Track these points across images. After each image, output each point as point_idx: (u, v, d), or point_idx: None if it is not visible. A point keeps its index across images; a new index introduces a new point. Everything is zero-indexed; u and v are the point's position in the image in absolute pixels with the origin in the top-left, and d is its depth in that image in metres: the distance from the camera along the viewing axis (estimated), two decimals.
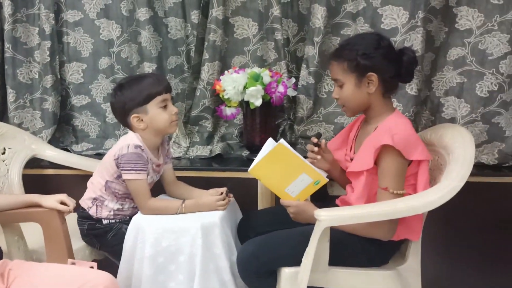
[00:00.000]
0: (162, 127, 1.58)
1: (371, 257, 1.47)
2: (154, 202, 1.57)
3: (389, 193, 1.36)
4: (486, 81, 1.90)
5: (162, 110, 1.56)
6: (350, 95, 1.44)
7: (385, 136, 1.36)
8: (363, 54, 1.40)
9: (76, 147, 2.24)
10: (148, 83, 1.54)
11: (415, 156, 1.38)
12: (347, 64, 1.42)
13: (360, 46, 1.41)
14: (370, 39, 1.44)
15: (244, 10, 2.09)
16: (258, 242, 1.48)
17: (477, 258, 1.91)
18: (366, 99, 1.44)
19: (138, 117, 1.55)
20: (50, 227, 1.42)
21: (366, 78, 1.41)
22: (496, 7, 1.85)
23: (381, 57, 1.40)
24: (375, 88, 1.42)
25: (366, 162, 1.40)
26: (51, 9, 2.10)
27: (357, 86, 1.42)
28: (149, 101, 1.54)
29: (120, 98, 1.56)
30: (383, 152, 1.37)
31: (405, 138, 1.36)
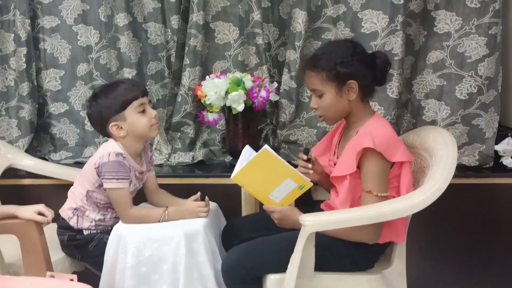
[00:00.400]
0: (142, 132, 1.54)
1: (356, 261, 1.47)
2: (136, 211, 1.54)
3: (373, 195, 1.36)
4: (465, 84, 1.92)
5: (141, 114, 1.53)
6: (331, 104, 1.43)
7: (366, 139, 1.36)
8: (342, 63, 1.39)
9: (54, 156, 2.19)
10: (123, 89, 1.51)
11: (396, 158, 1.38)
12: (326, 74, 1.40)
13: (337, 55, 1.40)
14: (345, 47, 1.43)
15: (225, 15, 2.08)
16: (242, 249, 1.46)
17: (461, 259, 1.92)
18: (346, 107, 1.44)
19: (117, 125, 1.52)
20: (28, 239, 1.38)
21: (346, 86, 1.41)
22: (473, 11, 1.88)
23: (359, 63, 1.40)
24: (355, 95, 1.42)
25: (349, 166, 1.40)
26: (27, 15, 2.05)
27: (338, 94, 1.42)
28: (126, 107, 1.51)
29: (96, 108, 1.52)
30: (365, 155, 1.37)
31: (386, 141, 1.37)
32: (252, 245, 1.46)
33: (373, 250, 1.47)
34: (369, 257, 1.50)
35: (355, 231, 1.38)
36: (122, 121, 1.51)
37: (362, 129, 1.42)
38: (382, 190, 1.37)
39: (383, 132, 1.38)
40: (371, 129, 1.39)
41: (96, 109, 1.52)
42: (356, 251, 1.44)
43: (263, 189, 1.45)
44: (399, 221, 1.43)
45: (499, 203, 1.89)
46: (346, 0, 1.96)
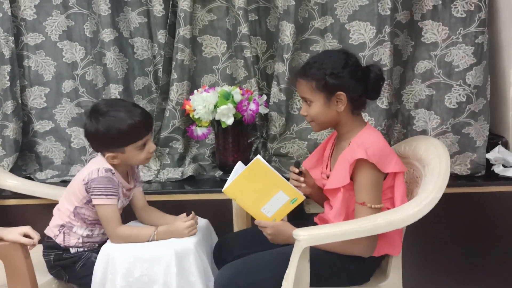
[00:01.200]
0: (136, 163, 1.54)
1: (352, 275, 1.44)
2: (125, 230, 1.50)
3: (367, 207, 1.34)
4: (454, 93, 1.93)
5: (140, 151, 1.50)
6: (319, 113, 1.43)
7: (358, 150, 1.34)
8: (331, 74, 1.38)
9: (40, 175, 2.14)
10: (131, 126, 1.44)
11: (390, 169, 1.37)
12: (315, 84, 1.40)
13: (328, 65, 1.39)
14: (337, 58, 1.42)
15: (212, 29, 2.07)
16: (235, 267, 1.42)
17: (456, 268, 1.91)
18: (335, 117, 1.44)
19: (114, 156, 1.48)
20: (13, 262, 1.32)
21: (335, 97, 1.40)
22: (459, 20, 1.90)
23: (349, 76, 1.39)
24: (344, 107, 1.41)
25: (342, 178, 1.38)
26: (11, 32, 2.02)
27: (326, 104, 1.41)
28: (129, 145, 1.47)
29: (97, 132, 1.45)
30: (358, 167, 1.36)
31: (379, 151, 1.35)
32: (245, 262, 1.43)
33: (368, 264, 1.45)
34: (365, 271, 1.47)
35: (350, 245, 1.35)
36: (119, 153, 1.48)
37: (354, 140, 1.40)
38: (376, 202, 1.35)
39: (375, 143, 1.37)
40: (363, 140, 1.38)
41: (97, 133, 1.45)
42: (352, 265, 1.42)
43: (255, 202, 1.42)
44: (394, 233, 1.41)
45: (492, 211, 1.89)
46: (333, 12, 1.96)
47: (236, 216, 1.89)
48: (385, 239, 1.40)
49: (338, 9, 1.95)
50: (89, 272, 1.47)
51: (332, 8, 1.96)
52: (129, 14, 2.07)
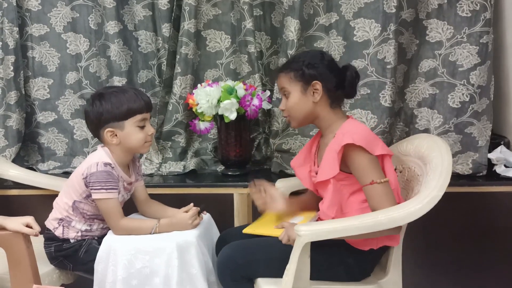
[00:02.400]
0: (134, 146, 1.51)
1: (351, 269, 1.45)
2: (127, 222, 1.50)
3: (377, 184, 1.36)
4: (458, 92, 1.92)
5: (139, 129, 1.49)
6: (296, 103, 1.47)
7: (345, 138, 1.38)
8: (309, 64, 1.46)
9: (42, 166, 2.14)
10: (130, 98, 1.47)
11: (378, 151, 1.39)
12: (293, 74, 1.47)
13: (306, 58, 1.48)
14: (314, 53, 1.54)
15: (217, 23, 2.07)
16: (236, 245, 1.48)
17: (456, 267, 1.91)
18: (311, 108, 1.47)
19: (113, 132, 1.48)
20: (15, 251, 1.33)
21: (311, 86, 1.45)
22: (464, 20, 1.89)
23: (325, 67, 1.46)
24: (319, 97, 1.45)
25: (331, 169, 1.40)
26: (15, 22, 2.02)
27: (303, 94, 1.46)
28: (128, 118, 1.47)
29: (97, 109, 1.47)
30: (349, 153, 1.39)
31: (364, 136, 1.39)
32: (245, 243, 1.49)
33: (367, 258, 1.46)
34: (364, 266, 1.48)
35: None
36: (118, 129, 1.48)
37: (339, 131, 1.44)
38: (381, 177, 1.38)
39: (360, 129, 1.43)
40: (348, 129, 1.42)
41: (98, 109, 1.47)
42: (350, 259, 1.43)
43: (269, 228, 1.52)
44: None
45: (493, 211, 1.89)
46: (338, 9, 1.96)
47: (237, 211, 1.89)
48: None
49: (343, 6, 1.95)
50: (93, 258, 1.48)
51: (337, 5, 1.95)
52: (134, 6, 2.06)
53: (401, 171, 1.59)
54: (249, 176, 2.00)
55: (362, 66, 1.95)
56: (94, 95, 1.52)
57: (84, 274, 1.58)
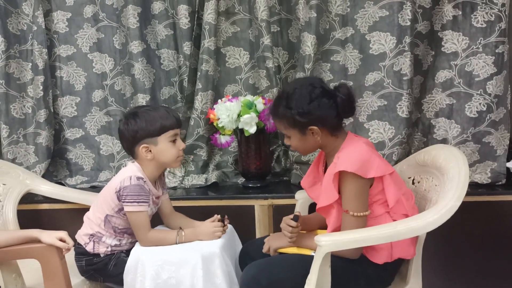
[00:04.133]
0: (168, 161, 1.57)
1: (371, 280, 1.47)
2: (154, 234, 1.56)
3: (349, 215, 1.39)
4: (475, 102, 1.94)
5: (172, 144, 1.56)
6: (299, 145, 1.49)
7: (338, 164, 1.39)
8: (298, 113, 1.41)
9: (70, 181, 2.23)
10: (163, 115, 1.55)
11: (371, 174, 1.39)
12: (286, 122, 1.45)
13: (293, 104, 1.42)
14: (301, 94, 1.43)
15: (235, 40, 2.14)
16: (258, 265, 1.48)
17: (475, 277, 1.91)
18: (316, 144, 1.48)
19: (147, 148, 1.55)
20: (49, 263, 1.40)
21: (308, 130, 1.45)
22: (479, 30, 1.91)
23: (316, 109, 1.41)
24: (320, 136, 1.45)
25: (331, 194, 1.42)
26: (44, 44, 2.12)
27: (303, 138, 1.47)
28: (161, 134, 1.54)
29: (132, 127, 1.54)
30: (342, 179, 1.40)
31: (357, 160, 1.38)
32: (268, 262, 1.49)
33: (387, 269, 1.47)
34: (384, 276, 1.50)
35: None
36: (153, 145, 1.55)
37: (338, 154, 1.45)
38: (358, 210, 1.39)
39: (354, 152, 1.41)
40: (344, 153, 1.43)
41: (132, 127, 1.54)
42: (370, 270, 1.45)
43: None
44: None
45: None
46: (354, 23, 2.00)
47: (258, 222, 1.94)
48: (396, 244, 1.43)
49: (359, 20, 1.99)
50: (122, 270, 1.53)
51: (352, 19, 2.00)
52: (156, 26, 2.15)
53: (419, 182, 1.62)
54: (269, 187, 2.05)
55: (379, 78, 1.98)
56: (128, 114, 1.59)
57: (114, 286, 1.64)
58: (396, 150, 1.98)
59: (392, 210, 1.44)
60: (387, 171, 1.42)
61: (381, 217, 1.44)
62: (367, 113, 2.02)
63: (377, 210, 1.45)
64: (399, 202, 1.43)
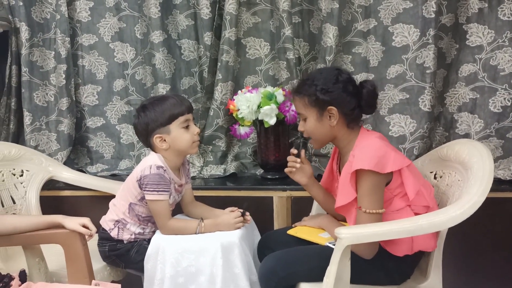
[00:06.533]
0: (184, 147, 1.58)
1: (391, 273, 1.47)
2: (174, 222, 1.58)
3: (362, 212, 1.38)
4: (499, 97, 1.91)
5: (185, 130, 1.57)
6: (314, 128, 1.47)
7: (355, 162, 1.38)
8: (322, 89, 1.42)
9: (91, 168, 2.26)
10: (171, 103, 1.56)
11: (389, 168, 1.38)
12: (308, 99, 1.45)
13: (319, 81, 1.44)
14: (328, 74, 1.46)
15: (256, 31, 2.13)
16: (277, 257, 1.49)
17: (496, 274, 1.89)
18: (329, 131, 1.47)
19: (161, 138, 1.56)
20: (72, 248, 1.43)
21: (326, 111, 1.44)
22: (506, 24, 1.88)
23: (340, 91, 1.42)
24: (336, 121, 1.44)
25: (349, 193, 1.41)
26: (67, 33, 2.14)
27: (319, 119, 1.45)
28: (172, 122, 1.55)
29: (143, 119, 1.57)
30: (358, 176, 1.39)
31: (373, 156, 1.37)
32: (286, 253, 1.50)
33: (407, 262, 1.47)
34: (404, 269, 1.49)
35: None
36: (166, 134, 1.56)
37: (352, 153, 1.44)
38: (372, 207, 1.37)
39: (369, 148, 1.40)
40: (358, 150, 1.41)
41: (144, 120, 1.56)
42: (390, 263, 1.45)
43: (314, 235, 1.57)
44: None
45: None
46: (377, 15, 1.98)
47: (276, 214, 1.94)
48: (417, 236, 1.41)
49: (382, 12, 1.97)
50: (143, 257, 1.55)
51: (375, 11, 1.98)
52: (177, 16, 2.15)
53: (441, 176, 1.60)
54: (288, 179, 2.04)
55: (401, 71, 1.96)
56: (138, 108, 1.60)
57: (135, 272, 1.66)
58: (417, 145, 1.96)
59: (412, 202, 1.43)
60: (404, 163, 1.41)
61: (402, 211, 1.43)
62: (388, 106, 2.00)
63: (398, 203, 1.44)
64: (419, 193, 1.42)
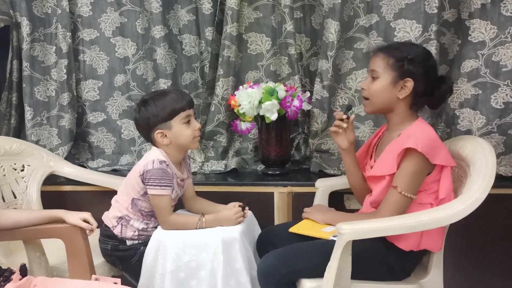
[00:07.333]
0: (185, 142, 1.58)
1: (392, 269, 1.47)
2: (175, 218, 1.58)
3: (397, 192, 1.38)
4: (501, 93, 1.90)
5: (186, 126, 1.57)
6: (380, 90, 1.46)
7: (408, 140, 1.37)
8: (412, 59, 1.42)
9: (92, 164, 2.26)
10: (172, 98, 1.55)
11: (438, 161, 1.38)
12: (393, 61, 1.44)
13: (412, 52, 1.44)
14: (422, 52, 1.47)
15: (258, 26, 2.12)
16: (278, 254, 1.48)
17: (498, 270, 1.89)
18: (392, 102, 1.46)
19: (162, 133, 1.56)
20: (73, 243, 1.43)
21: (402, 81, 1.43)
22: (508, 19, 1.87)
23: (425, 70, 1.43)
24: (405, 95, 1.44)
25: (389, 166, 1.41)
26: (68, 28, 2.13)
27: (391, 84, 1.44)
28: (173, 117, 1.55)
29: (144, 114, 1.56)
30: (406, 155, 1.39)
31: (429, 142, 1.38)
32: (287, 251, 1.49)
33: (409, 258, 1.47)
34: (405, 266, 1.50)
35: None
36: (167, 129, 1.55)
37: (405, 132, 1.43)
38: (408, 190, 1.38)
39: (426, 134, 1.40)
40: (414, 132, 1.41)
41: (144, 115, 1.56)
42: (392, 258, 1.45)
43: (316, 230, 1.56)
44: (435, 230, 1.42)
45: None
46: (379, 10, 1.97)
47: (277, 209, 1.94)
48: (426, 235, 1.42)
49: (384, 7, 1.96)
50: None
51: (377, 6, 1.97)
52: (178, 11, 2.14)
53: None
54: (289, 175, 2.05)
55: None
56: (139, 103, 1.60)
57: (129, 277, 1.66)
58: None
59: (439, 202, 1.42)
60: (451, 163, 1.42)
61: (425, 206, 1.43)
62: None
63: (423, 198, 1.44)
64: (448, 198, 1.41)
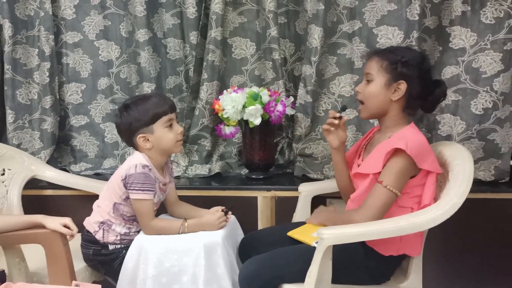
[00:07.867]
0: (167, 147, 1.58)
1: (372, 273, 1.49)
2: (157, 222, 1.57)
3: (382, 186, 1.39)
4: (481, 99, 1.93)
5: (168, 129, 1.57)
6: (374, 93, 1.48)
7: (399, 142, 1.39)
8: (405, 62, 1.45)
9: (74, 167, 2.24)
10: (154, 103, 1.55)
11: (425, 166, 1.41)
12: (387, 64, 1.46)
13: (405, 55, 1.47)
14: (416, 55, 1.51)
15: (242, 31, 2.13)
16: (260, 260, 1.48)
17: (477, 274, 1.92)
18: (386, 104, 1.48)
19: (145, 137, 1.55)
20: (53, 249, 1.42)
21: (396, 84, 1.46)
22: (488, 27, 1.90)
23: (419, 72, 1.46)
24: (398, 97, 1.46)
25: (375, 165, 1.43)
26: (51, 30, 2.12)
27: (385, 87, 1.46)
28: (155, 121, 1.54)
29: (126, 119, 1.55)
30: (394, 155, 1.41)
31: (418, 146, 1.40)
32: (270, 256, 1.49)
33: (388, 262, 1.49)
34: (385, 269, 1.51)
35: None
36: (149, 134, 1.55)
37: (396, 134, 1.46)
38: (393, 186, 1.40)
39: (416, 139, 1.43)
40: (405, 134, 1.43)
41: (126, 120, 1.55)
42: (372, 262, 1.46)
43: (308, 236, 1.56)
44: (414, 234, 1.44)
45: None
46: (361, 17, 1.99)
47: (260, 214, 1.95)
48: (404, 240, 1.44)
49: (367, 14, 1.98)
50: None
51: (360, 13, 1.99)
52: (163, 15, 2.14)
53: None
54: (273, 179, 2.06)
55: None
56: (121, 107, 1.59)
57: (112, 281, 1.64)
58: None
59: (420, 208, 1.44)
60: (437, 170, 1.44)
61: (405, 210, 1.44)
62: None
63: (405, 201, 1.45)
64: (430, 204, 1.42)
